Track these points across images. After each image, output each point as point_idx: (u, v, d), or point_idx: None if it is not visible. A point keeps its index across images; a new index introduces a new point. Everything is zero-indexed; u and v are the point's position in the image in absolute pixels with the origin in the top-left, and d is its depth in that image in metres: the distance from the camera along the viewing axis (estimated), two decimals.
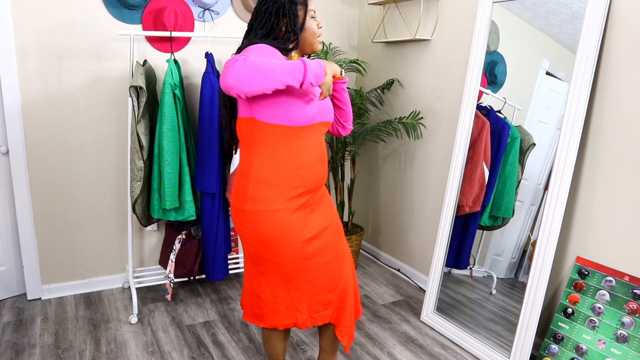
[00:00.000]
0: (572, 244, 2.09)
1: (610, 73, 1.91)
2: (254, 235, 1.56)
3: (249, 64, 1.28)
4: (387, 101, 3.18)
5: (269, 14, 1.52)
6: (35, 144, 2.50)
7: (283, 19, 1.52)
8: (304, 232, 1.57)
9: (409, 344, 2.35)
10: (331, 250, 1.67)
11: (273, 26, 1.52)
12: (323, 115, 1.58)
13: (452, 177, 2.49)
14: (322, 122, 1.59)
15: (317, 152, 1.57)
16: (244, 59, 1.29)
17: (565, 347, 2.00)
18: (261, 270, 1.64)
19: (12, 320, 2.44)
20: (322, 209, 1.67)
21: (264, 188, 1.52)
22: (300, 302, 1.65)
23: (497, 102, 2.34)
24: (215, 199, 2.50)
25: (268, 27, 1.52)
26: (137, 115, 2.28)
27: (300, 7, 1.55)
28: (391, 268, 3.25)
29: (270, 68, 1.30)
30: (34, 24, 2.37)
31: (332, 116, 1.65)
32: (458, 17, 2.58)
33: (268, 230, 1.53)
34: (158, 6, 2.57)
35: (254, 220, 1.54)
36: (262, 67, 1.29)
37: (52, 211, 2.61)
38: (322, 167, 1.61)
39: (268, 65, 1.30)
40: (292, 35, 1.54)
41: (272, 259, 1.58)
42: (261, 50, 1.44)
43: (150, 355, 2.19)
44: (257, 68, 1.29)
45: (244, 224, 1.57)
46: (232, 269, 2.87)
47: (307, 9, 1.55)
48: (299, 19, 1.54)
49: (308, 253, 1.59)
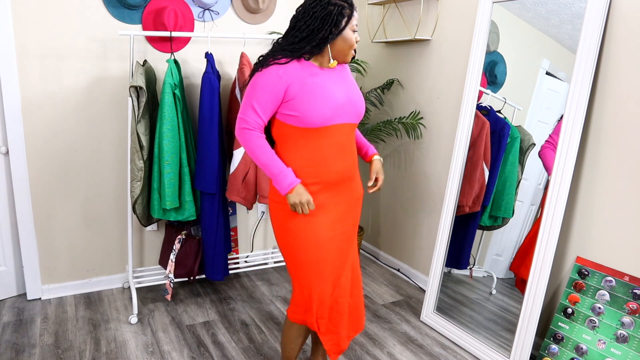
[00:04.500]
0: (572, 244, 2.09)
1: (610, 73, 1.91)
2: (276, 225, 1.74)
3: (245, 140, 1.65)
4: (387, 101, 3.18)
5: (314, 18, 1.59)
6: (35, 144, 2.50)
7: (325, 26, 1.59)
8: (327, 229, 1.70)
9: (409, 344, 2.35)
10: (340, 255, 1.78)
11: (314, 30, 1.59)
12: (343, 117, 1.67)
13: (452, 177, 2.49)
14: (344, 123, 1.68)
15: (336, 151, 1.67)
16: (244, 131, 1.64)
17: (565, 347, 2.00)
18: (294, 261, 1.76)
19: (12, 320, 2.44)
20: (349, 212, 1.78)
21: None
22: (310, 302, 1.75)
23: (497, 102, 2.34)
24: (215, 199, 2.50)
25: (310, 30, 1.60)
26: (137, 115, 2.28)
27: (345, 19, 1.61)
28: (391, 268, 3.25)
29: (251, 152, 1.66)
30: (34, 24, 2.37)
31: (359, 117, 1.74)
32: (458, 17, 2.58)
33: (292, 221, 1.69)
34: (158, 6, 2.57)
35: (274, 210, 1.73)
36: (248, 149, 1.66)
37: (52, 211, 2.61)
38: (342, 164, 1.70)
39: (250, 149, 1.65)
40: (323, 44, 1.62)
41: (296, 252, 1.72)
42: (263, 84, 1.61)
43: (150, 355, 2.19)
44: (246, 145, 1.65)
45: (273, 214, 1.76)
46: (232, 269, 2.87)
47: (350, 22, 1.62)
48: (337, 30, 1.61)
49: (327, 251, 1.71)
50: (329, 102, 1.61)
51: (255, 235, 3.22)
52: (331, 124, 1.63)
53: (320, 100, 1.60)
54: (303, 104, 1.59)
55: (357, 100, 1.71)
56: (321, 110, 1.60)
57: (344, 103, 1.65)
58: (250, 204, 2.58)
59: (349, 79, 1.76)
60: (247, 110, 1.63)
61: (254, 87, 1.62)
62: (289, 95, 1.60)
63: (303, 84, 1.60)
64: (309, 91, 1.59)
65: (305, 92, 1.59)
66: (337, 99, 1.63)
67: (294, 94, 1.59)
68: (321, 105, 1.60)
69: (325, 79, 1.65)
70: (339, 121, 1.65)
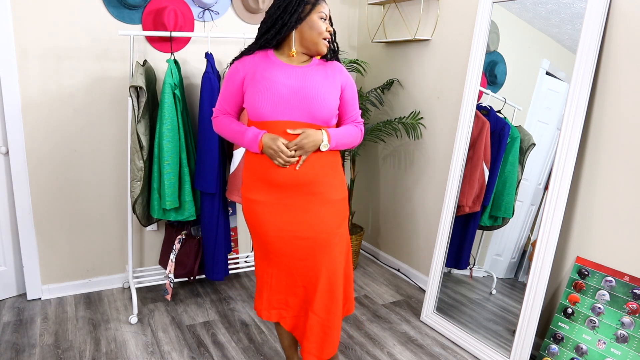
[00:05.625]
0: (572, 244, 2.09)
1: (610, 73, 1.91)
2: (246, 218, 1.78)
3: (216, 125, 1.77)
4: (387, 101, 3.18)
5: (279, 8, 1.61)
6: (35, 144, 2.50)
7: (286, 13, 1.59)
8: (276, 228, 1.69)
9: (409, 344, 2.35)
10: (302, 260, 1.71)
11: (277, 19, 1.61)
12: (289, 114, 1.59)
13: (452, 177, 2.49)
14: (290, 121, 1.59)
15: None
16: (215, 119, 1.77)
17: (565, 347, 2.00)
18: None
19: (12, 320, 2.44)
20: (304, 220, 1.67)
21: (244, 176, 1.74)
22: (260, 289, 1.81)
23: (497, 102, 2.34)
24: (215, 199, 2.50)
25: (273, 20, 1.62)
26: (137, 115, 2.28)
27: (309, 6, 1.60)
28: (391, 268, 3.25)
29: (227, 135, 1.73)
30: (34, 24, 2.37)
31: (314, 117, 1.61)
32: (458, 17, 2.58)
33: (245, 214, 1.75)
34: (158, 6, 2.57)
35: (244, 205, 1.76)
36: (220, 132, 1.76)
37: (52, 211, 2.61)
38: (290, 167, 1.61)
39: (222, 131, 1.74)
40: (284, 30, 1.61)
41: (253, 240, 1.79)
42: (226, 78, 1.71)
43: (150, 355, 2.19)
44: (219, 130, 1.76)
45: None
46: (232, 269, 2.87)
47: (315, 8, 1.61)
48: (298, 15, 1.59)
49: (269, 248, 1.73)
50: (269, 95, 1.57)
51: None
52: (273, 119, 1.58)
53: (261, 92, 1.58)
54: (248, 95, 1.62)
55: (312, 99, 1.59)
56: (260, 102, 1.58)
57: (290, 98, 1.58)
58: None
59: (322, 76, 1.66)
60: (217, 103, 1.77)
61: (224, 81, 1.73)
62: (244, 87, 1.65)
63: (253, 75, 1.61)
64: (255, 83, 1.60)
65: (253, 83, 1.61)
66: (280, 93, 1.57)
67: (246, 86, 1.64)
68: (260, 98, 1.58)
69: (278, 72, 1.60)
70: (282, 118, 1.59)
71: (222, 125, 1.74)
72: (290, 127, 1.59)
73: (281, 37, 1.63)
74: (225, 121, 1.73)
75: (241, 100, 1.69)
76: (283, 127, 1.59)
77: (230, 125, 1.71)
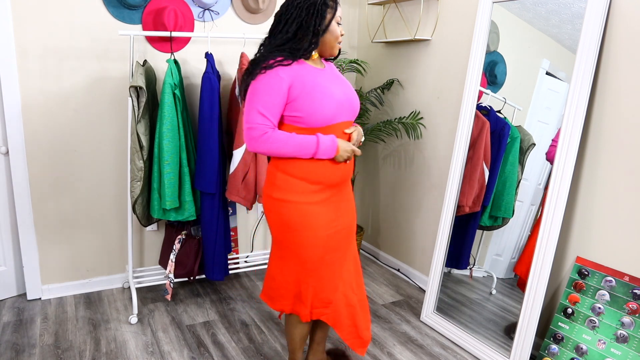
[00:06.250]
0: (572, 244, 2.09)
1: (610, 73, 1.91)
2: (279, 221, 1.72)
3: (271, 143, 1.59)
4: (387, 101, 3.18)
5: (299, 8, 1.59)
6: (35, 144, 2.50)
7: (312, 17, 1.59)
8: (326, 226, 1.72)
9: (409, 344, 2.35)
10: (339, 250, 1.80)
11: (302, 23, 1.60)
12: (343, 115, 1.69)
13: (452, 177, 2.49)
14: (344, 121, 1.70)
15: None
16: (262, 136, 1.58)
17: (565, 347, 2.00)
18: (281, 255, 1.79)
19: (12, 320, 2.44)
20: (344, 210, 1.81)
21: (290, 179, 1.67)
22: (306, 295, 1.78)
23: (497, 102, 2.34)
24: (215, 199, 2.50)
25: (298, 23, 1.60)
26: (137, 115, 2.28)
27: (329, 10, 1.62)
28: (391, 268, 3.25)
29: (287, 150, 1.61)
30: (34, 24, 2.37)
31: (355, 114, 1.77)
32: (458, 17, 2.58)
33: (292, 218, 1.69)
34: (158, 6, 2.57)
35: (280, 207, 1.70)
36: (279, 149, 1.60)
37: (52, 211, 2.61)
38: (343, 165, 1.72)
39: (284, 147, 1.60)
40: (313, 37, 1.61)
41: (291, 246, 1.73)
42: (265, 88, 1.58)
43: (150, 355, 2.19)
44: (274, 148, 1.60)
45: (271, 210, 1.73)
46: (232, 269, 2.87)
47: (335, 14, 1.64)
48: (325, 21, 1.62)
49: (327, 247, 1.73)
50: (330, 100, 1.62)
51: (255, 235, 3.22)
52: (333, 122, 1.65)
53: (323, 100, 1.61)
54: (305, 104, 1.59)
55: (353, 98, 1.74)
56: (324, 109, 1.61)
57: (343, 101, 1.67)
58: (250, 204, 2.58)
59: (341, 76, 1.79)
60: (254, 117, 1.58)
61: (256, 92, 1.58)
62: (291, 97, 1.60)
63: (303, 84, 1.60)
64: (310, 90, 1.60)
65: (307, 92, 1.59)
66: (337, 97, 1.64)
67: (296, 95, 1.59)
68: (324, 105, 1.60)
69: (323, 78, 1.66)
70: (339, 119, 1.67)
71: (279, 140, 1.59)
72: (346, 127, 1.71)
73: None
74: (282, 136, 1.60)
75: (282, 111, 1.65)
76: (342, 128, 1.69)
77: (291, 138, 1.60)
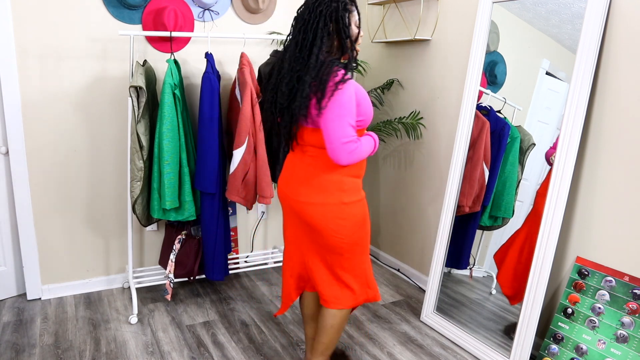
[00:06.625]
0: (572, 244, 2.09)
1: (610, 73, 1.91)
2: (357, 222, 1.76)
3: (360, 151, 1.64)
4: (387, 101, 3.18)
5: (324, 16, 1.57)
6: (35, 144, 2.50)
7: (336, 24, 1.59)
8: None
9: (409, 344, 2.35)
10: None
11: (330, 32, 1.59)
12: None
13: (452, 177, 2.49)
14: None
15: None
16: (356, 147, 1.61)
17: (565, 347, 2.00)
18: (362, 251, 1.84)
19: (12, 320, 2.44)
20: None
21: (355, 180, 1.76)
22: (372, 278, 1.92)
23: (497, 102, 2.34)
24: (215, 199, 2.50)
25: (326, 31, 1.58)
26: (137, 115, 2.28)
27: (351, 15, 1.63)
28: (391, 268, 3.25)
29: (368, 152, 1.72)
30: (34, 24, 2.37)
31: None
32: (458, 17, 2.58)
33: (364, 213, 1.80)
34: (158, 6, 2.57)
35: (354, 209, 1.75)
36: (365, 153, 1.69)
37: (52, 211, 2.61)
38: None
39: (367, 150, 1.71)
40: (348, 43, 1.63)
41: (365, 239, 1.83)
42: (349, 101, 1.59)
43: (150, 355, 2.19)
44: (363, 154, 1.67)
45: (346, 217, 1.73)
46: (232, 269, 2.87)
47: (355, 17, 1.65)
48: (348, 27, 1.62)
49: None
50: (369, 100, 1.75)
51: (255, 235, 3.22)
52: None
53: (369, 100, 1.72)
54: (364, 107, 1.67)
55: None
56: (371, 108, 1.73)
57: None
58: (250, 204, 2.58)
59: None
60: (346, 130, 1.57)
61: (342, 106, 1.57)
62: (357, 103, 1.65)
63: (357, 89, 1.66)
64: (362, 94, 1.67)
65: (361, 96, 1.67)
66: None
67: (358, 101, 1.65)
68: (370, 105, 1.73)
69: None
70: None
71: (363, 146, 1.67)
72: None
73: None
74: (363, 141, 1.68)
75: None
76: None
77: (366, 141, 1.71)
